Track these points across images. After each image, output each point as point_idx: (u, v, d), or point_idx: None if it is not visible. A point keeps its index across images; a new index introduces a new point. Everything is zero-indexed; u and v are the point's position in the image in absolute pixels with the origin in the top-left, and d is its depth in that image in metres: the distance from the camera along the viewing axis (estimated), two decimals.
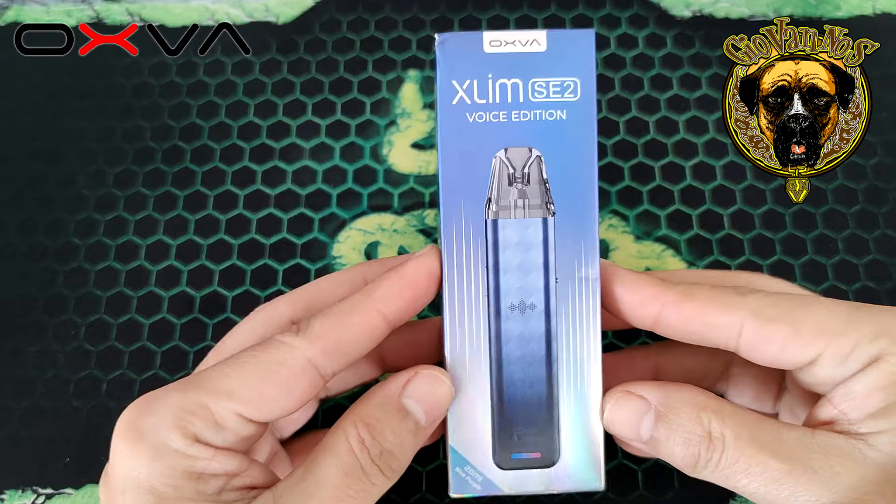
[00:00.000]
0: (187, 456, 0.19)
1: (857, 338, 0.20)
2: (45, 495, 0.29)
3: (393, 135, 0.35)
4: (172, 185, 0.34)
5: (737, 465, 0.19)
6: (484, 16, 0.38)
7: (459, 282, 0.21)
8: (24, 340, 0.31)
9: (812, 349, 0.20)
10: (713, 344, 0.21)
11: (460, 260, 0.21)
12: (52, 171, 0.35)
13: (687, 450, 0.20)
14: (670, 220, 0.33)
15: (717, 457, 0.20)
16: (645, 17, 0.38)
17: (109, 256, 0.33)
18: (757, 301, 0.21)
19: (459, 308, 0.21)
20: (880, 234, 0.32)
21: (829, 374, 0.20)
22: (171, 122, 0.36)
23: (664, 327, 0.21)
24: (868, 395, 0.19)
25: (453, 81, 0.21)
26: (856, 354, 0.20)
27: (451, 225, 0.21)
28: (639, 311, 0.21)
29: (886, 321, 0.20)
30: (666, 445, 0.20)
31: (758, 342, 0.20)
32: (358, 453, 0.19)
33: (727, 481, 0.20)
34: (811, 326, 0.20)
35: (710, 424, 0.20)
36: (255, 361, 0.20)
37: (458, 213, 0.21)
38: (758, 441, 0.19)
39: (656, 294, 0.21)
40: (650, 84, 0.36)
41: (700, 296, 0.21)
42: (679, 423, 0.20)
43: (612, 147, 0.34)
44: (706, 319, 0.21)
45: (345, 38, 0.38)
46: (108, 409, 0.30)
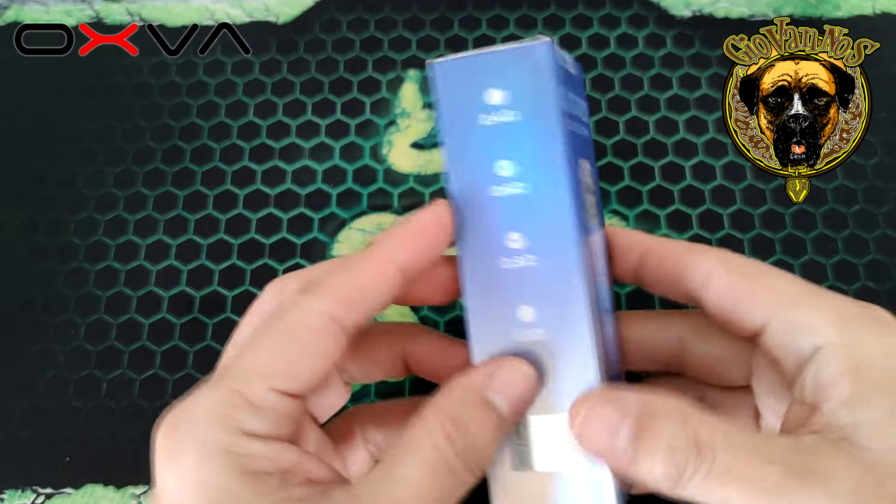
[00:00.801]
0: (237, 454, 0.17)
1: (810, 311, 0.20)
2: (44, 495, 0.29)
3: (393, 134, 0.35)
4: (172, 185, 0.34)
5: (729, 473, 0.18)
6: (484, 16, 0.38)
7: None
8: (24, 340, 0.32)
9: (763, 310, 0.20)
10: (685, 291, 0.22)
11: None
12: (52, 171, 0.35)
13: (672, 458, 0.18)
14: (670, 220, 0.33)
15: (706, 467, 0.18)
16: (645, 17, 0.38)
17: (109, 256, 0.33)
18: (726, 254, 0.22)
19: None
20: (880, 234, 0.32)
21: (780, 344, 0.20)
22: (171, 122, 0.36)
23: (646, 271, 0.23)
24: (834, 384, 0.19)
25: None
26: (807, 327, 0.20)
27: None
28: (627, 255, 0.23)
29: (842, 305, 0.20)
30: (646, 457, 0.18)
31: (718, 292, 0.21)
32: (443, 449, 0.18)
33: (714, 495, 0.18)
34: (768, 288, 0.21)
35: (697, 429, 0.18)
36: (273, 331, 0.19)
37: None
38: (750, 447, 0.18)
39: (641, 238, 0.23)
40: (650, 84, 0.36)
41: (677, 243, 0.23)
42: (662, 430, 0.18)
43: (612, 147, 0.35)
44: (680, 260, 0.22)
45: (345, 38, 0.38)
46: (108, 409, 0.30)
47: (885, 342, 0.19)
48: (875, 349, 0.19)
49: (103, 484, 0.29)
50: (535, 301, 0.20)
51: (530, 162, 0.20)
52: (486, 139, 0.21)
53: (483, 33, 0.37)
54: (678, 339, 0.25)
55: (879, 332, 0.19)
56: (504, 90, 0.21)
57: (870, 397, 0.18)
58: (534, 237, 0.20)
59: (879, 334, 0.19)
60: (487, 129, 0.21)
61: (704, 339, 0.24)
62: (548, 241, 0.20)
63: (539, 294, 0.20)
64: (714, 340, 0.24)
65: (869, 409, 0.18)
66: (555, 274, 0.20)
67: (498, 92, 0.21)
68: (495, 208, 0.21)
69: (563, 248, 0.20)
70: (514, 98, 0.21)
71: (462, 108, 0.21)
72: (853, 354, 0.19)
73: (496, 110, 0.21)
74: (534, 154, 0.20)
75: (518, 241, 0.21)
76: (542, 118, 0.20)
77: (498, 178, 0.21)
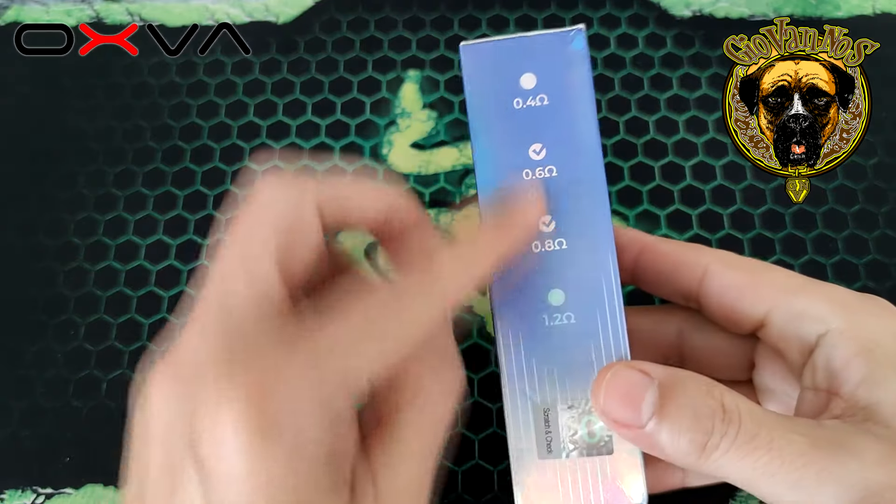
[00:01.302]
0: (330, 451, 0.16)
1: (812, 299, 0.20)
2: (44, 495, 0.29)
3: (393, 135, 0.35)
4: (172, 185, 0.34)
5: (757, 440, 0.17)
6: (484, 15, 0.38)
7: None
8: (24, 340, 0.32)
9: (764, 301, 0.21)
10: (682, 289, 0.22)
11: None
12: (52, 171, 0.35)
13: (698, 424, 0.17)
14: (670, 220, 0.33)
15: (733, 431, 0.17)
16: (645, 17, 0.38)
17: (109, 256, 0.33)
18: (723, 252, 0.22)
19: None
20: (880, 234, 0.32)
21: (783, 334, 0.20)
22: (171, 122, 0.36)
23: (642, 269, 0.23)
24: (848, 367, 0.19)
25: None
26: (810, 314, 0.20)
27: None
28: (623, 253, 0.23)
29: (842, 293, 0.20)
30: (672, 422, 0.18)
31: (717, 287, 0.21)
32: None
33: (742, 462, 0.17)
34: (767, 280, 0.21)
35: (723, 397, 0.18)
36: (387, 309, 0.17)
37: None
38: (775, 419, 0.18)
39: (638, 236, 0.23)
40: (650, 84, 0.36)
41: (673, 242, 0.23)
42: (687, 395, 0.18)
43: (612, 147, 0.34)
44: (677, 257, 0.22)
45: (345, 38, 0.38)
46: (108, 409, 0.30)
47: (890, 324, 0.20)
48: (881, 332, 0.19)
49: (103, 484, 0.29)
50: (566, 284, 0.21)
51: (565, 145, 0.21)
52: (519, 123, 0.21)
53: (483, 33, 0.37)
54: (677, 332, 0.25)
55: (883, 316, 0.20)
56: (538, 74, 0.21)
57: (886, 377, 0.18)
58: (566, 221, 0.21)
59: (883, 317, 0.20)
60: (520, 112, 0.21)
61: (704, 332, 0.24)
62: (580, 225, 0.21)
63: (570, 278, 0.21)
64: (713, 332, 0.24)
65: (886, 389, 0.18)
66: (586, 258, 0.20)
67: (531, 76, 0.21)
68: (528, 191, 0.21)
69: (595, 233, 0.21)
70: (548, 82, 0.21)
71: (494, 91, 0.21)
72: (861, 336, 0.19)
73: (530, 94, 0.21)
74: (569, 137, 0.21)
75: (550, 225, 0.21)
76: (577, 102, 0.21)
77: (531, 161, 0.21)
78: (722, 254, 0.22)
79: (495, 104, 0.21)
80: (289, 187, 0.18)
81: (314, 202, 0.18)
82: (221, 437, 0.15)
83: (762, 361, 0.24)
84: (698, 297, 0.22)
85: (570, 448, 0.20)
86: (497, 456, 0.29)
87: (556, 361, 0.20)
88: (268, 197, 0.18)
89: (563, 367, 0.20)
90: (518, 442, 0.20)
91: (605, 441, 0.20)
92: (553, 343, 0.20)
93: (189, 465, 0.15)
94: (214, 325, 0.16)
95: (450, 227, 0.33)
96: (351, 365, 0.16)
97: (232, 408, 0.15)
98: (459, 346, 0.20)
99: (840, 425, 0.18)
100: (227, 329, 0.16)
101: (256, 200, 0.18)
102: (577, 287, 0.21)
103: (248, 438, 0.15)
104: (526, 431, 0.20)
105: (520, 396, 0.20)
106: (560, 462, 0.20)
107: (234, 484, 0.15)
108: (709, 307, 0.22)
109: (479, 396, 0.30)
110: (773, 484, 0.17)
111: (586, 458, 0.20)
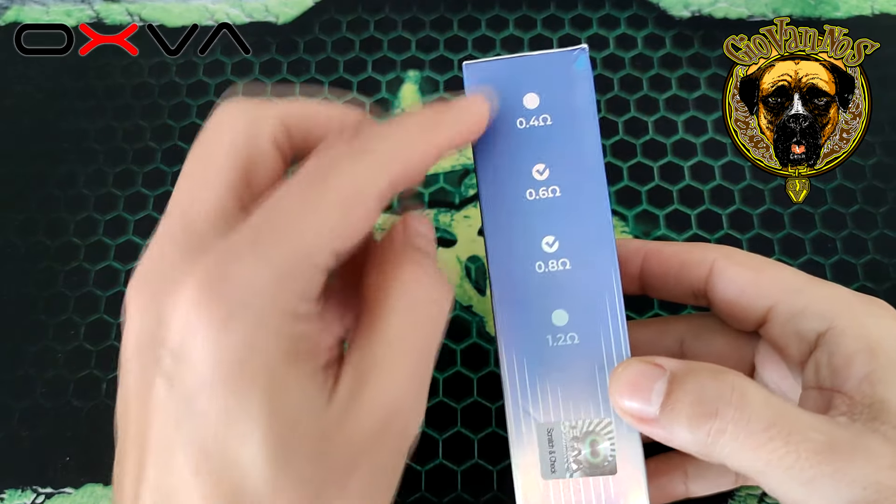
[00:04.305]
0: (289, 336, 0.16)
1: (814, 297, 0.20)
2: (44, 495, 0.29)
3: None
4: (172, 185, 0.34)
5: (772, 430, 0.17)
6: (483, 16, 0.38)
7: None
8: (24, 340, 0.32)
9: (767, 297, 0.21)
10: (689, 286, 0.23)
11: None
12: (52, 171, 0.35)
13: (702, 407, 0.17)
14: (669, 221, 0.33)
15: (743, 417, 0.17)
16: (644, 18, 0.38)
17: (109, 256, 0.33)
18: (728, 248, 0.23)
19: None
20: (879, 234, 0.32)
21: (785, 330, 0.21)
22: (171, 122, 0.36)
23: (649, 274, 0.23)
24: (851, 364, 0.19)
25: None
26: (812, 312, 0.20)
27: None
28: (629, 264, 0.23)
29: (844, 293, 0.21)
30: (681, 412, 0.18)
31: (723, 281, 0.22)
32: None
33: (756, 453, 0.17)
34: (771, 277, 0.21)
35: (733, 381, 0.18)
36: (328, 188, 0.16)
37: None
38: (793, 410, 0.18)
39: (640, 245, 0.24)
40: (649, 84, 0.36)
41: (677, 244, 0.24)
42: (695, 382, 0.18)
43: (611, 147, 0.35)
44: (682, 257, 0.23)
45: (344, 39, 0.38)
46: (108, 409, 0.30)
47: (893, 325, 0.20)
48: (884, 332, 0.19)
49: (103, 484, 0.29)
50: (569, 305, 0.21)
51: (568, 165, 0.21)
52: (521, 143, 0.21)
53: (483, 34, 0.37)
54: (679, 341, 0.25)
55: (885, 317, 0.20)
56: (541, 94, 0.21)
57: (888, 376, 0.18)
58: (569, 240, 0.21)
59: (885, 318, 0.20)
60: (524, 132, 0.21)
61: (705, 338, 0.25)
62: (584, 245, 0.21)
63: (573, 298, 0.20)
64: (713, 338, 0.24)
65: (890, 388, 0.18)
66: (590, 278, 0.20)
67: (534, 96, 0.21)
68: (531, 211, 0.21)
69: (598, 252, 0.20)
70: (551, 102, 0.21)
71: (497, 111, 0.21)
72: (864, 335, 0.19)
73: (533, 114, 0.21)
74: (572, 157, 0.21)
75: (553, 245, 0.21)
76: (580, 122, 0.21)
77: (535, 181, 0.21)
78: (727, 249, 0.22)
79: (498, 124, 0.21)
80: (244, 110, 0.18)
81: (272, 122, 0.18)
82: (184, 321, 0.15)
83: (762, 363, 0.24)
84: (706, 293, 0.23)
85: (574, 468, 0.20)
86: (496, 455, 0.29)
87: (559, 381, 0.20)
88: (224, 121, 0.18)
89: (566, 387, 0.20)
90: (522, 461, 0.20)
91: (609, 461, 0.20)
92: (557, 363, 0.20)
93: (160, 357, 0.15)
94: (173, 236, 0.17)
95: (450, 228, 0.33)
96: (305, 239, 0.16)
97: (189, 292, 0.15)
98: (459, 346, 0.20)
99: (852, 425, 0.18)
100: (184, 237, 0.17)
101: (213, 125, 0.19)
102: (580, 307, 0.20)
103: (208, 318, 0.15)
104: (530, 451, 0.20)
105: (523, 416, 0.20)
106: (564, 482, 0.20)
107: (197, 365, 0.15)
108: (715, 302, 0.23)
109: (478, 396, 0.30)
110: (786, 479, 0.17)
111: (590, 477, 0.20)
